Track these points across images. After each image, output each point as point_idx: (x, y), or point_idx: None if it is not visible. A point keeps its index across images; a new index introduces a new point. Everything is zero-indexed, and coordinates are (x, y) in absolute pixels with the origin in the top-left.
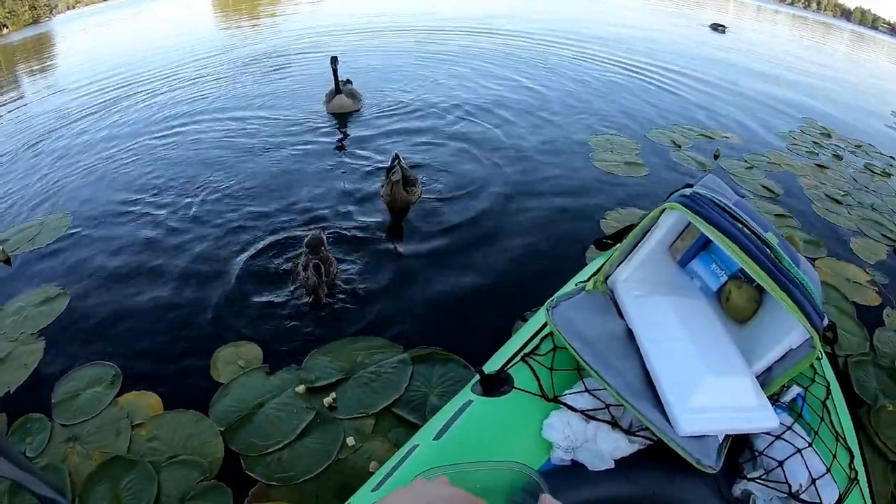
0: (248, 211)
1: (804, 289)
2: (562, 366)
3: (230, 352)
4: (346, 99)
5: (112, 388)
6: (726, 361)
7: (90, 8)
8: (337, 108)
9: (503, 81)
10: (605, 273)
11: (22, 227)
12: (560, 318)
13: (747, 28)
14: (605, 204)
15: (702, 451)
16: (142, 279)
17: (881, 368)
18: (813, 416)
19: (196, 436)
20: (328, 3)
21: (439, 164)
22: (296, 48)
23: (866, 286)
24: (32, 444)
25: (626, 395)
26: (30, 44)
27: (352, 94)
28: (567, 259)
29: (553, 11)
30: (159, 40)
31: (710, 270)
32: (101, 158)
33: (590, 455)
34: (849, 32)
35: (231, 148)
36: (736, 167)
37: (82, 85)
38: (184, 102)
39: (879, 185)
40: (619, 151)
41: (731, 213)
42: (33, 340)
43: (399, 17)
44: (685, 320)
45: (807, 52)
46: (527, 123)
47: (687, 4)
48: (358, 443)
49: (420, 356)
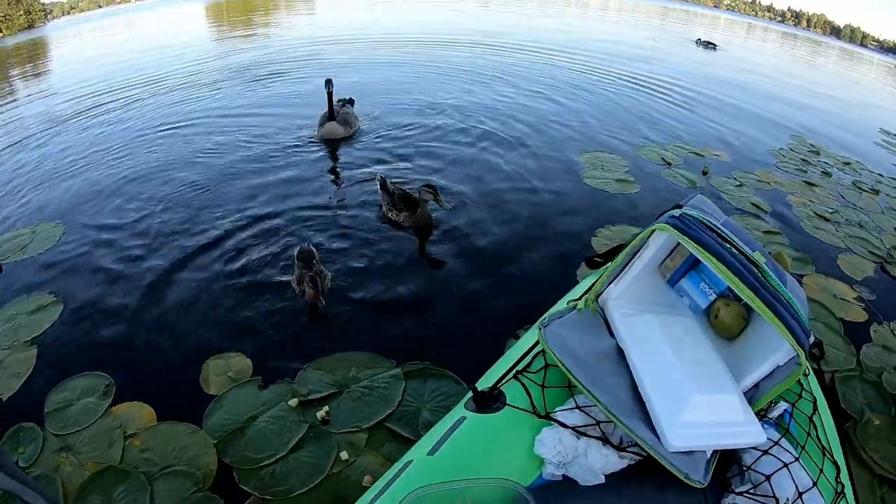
0: (241, 223)
1: (791, 307)
2: (553, 383)
3: (221, 364)
4: (338, 126)
5: (105, 399)
6: (714, 378)
7: (85, 14)
8: (328, 134)
9: (493, 95)
10: (595, 292)
11: (13, 235)
12: (552, 337)
13: (738, 45)
14: (596, 222)
15: (690, 467)
16: (134, 289)
17: (867, 383)
18: (800, 431)
19: (189, 447)
20: (321, 13)
21: (428, 182)
22: (289, 58)
23: (853, 302)
24: (24, 454)
25: (617, 411)
26: (24, 48)
27: (346, 120)
28: (558, 277)
29: (535, 28)
30: (152, 48)
31: (698, 289)
32: (94, 167)
33: (581, 470)
34: (838, 50)
35: (225, 159)
36: (725, 184)
37: (75, 91)
38: (177, 111)
39: (867, 203)
40: (609, 169)
41: (719, 234)
42: (26, 348)
43: (389, 29)
44: (674, 338)
45: (796, 69)
46: (516, 140)
47: (678, 21)
48: (351, 457)
49: (412, 371)
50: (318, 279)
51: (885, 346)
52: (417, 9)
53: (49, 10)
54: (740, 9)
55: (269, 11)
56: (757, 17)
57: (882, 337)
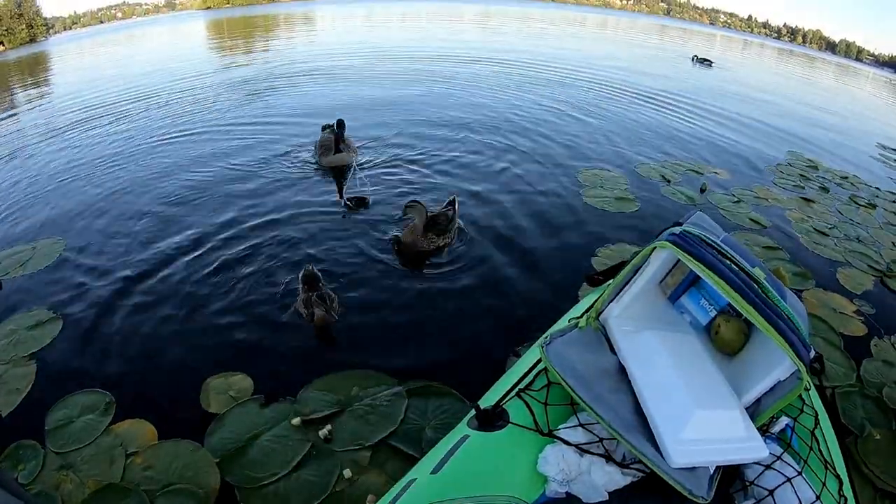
0: (245, 243)
1: (791, 322)
2: (556, 401)
3: (222, 382)
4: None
5: (106, 416)
6: (716, 394)
7: (87, 29)
8: (336, 162)
9: (490, 111)
10: (597, 309)
11: (14, 251)
12: (554, 355)
13: (735, 62)
14: (597, 240)
15: (694, 482)
16: (135, 306)
17: (868, 398)
18: (802, 445)
19: (191, 466)
20: (320, 30)
21: (428, 199)
22: (288, 73)
23: (853, 317)
24: (25, 471)
25: (619, 428)
26: (25, 62)
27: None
28: (559, 295)
29: (529, 45)
30: (153, 62)
31: (699, 306)
32: (96, 182)
33: (584, 487)
34: (834, 65)
35: (224, 175)
36: (723, 201)
37: (76, 105)
38: (177, 126)
39: (865, 217)
40: (609, 186)
41: (718, 250)
42: (25, 363)
43: (383, 43)
44: (676, 355)
45: (793, 84)
46: (517, 157)
47: (675, 39)
48: (355, 475)
49: (415, 389)
50: (327, 298)
51: (885, 360)
52: (414, 28)
53: (51, 24)
54: (736, 25)
55: (269, 29)
56: (753, 33)
57: (882, 351)
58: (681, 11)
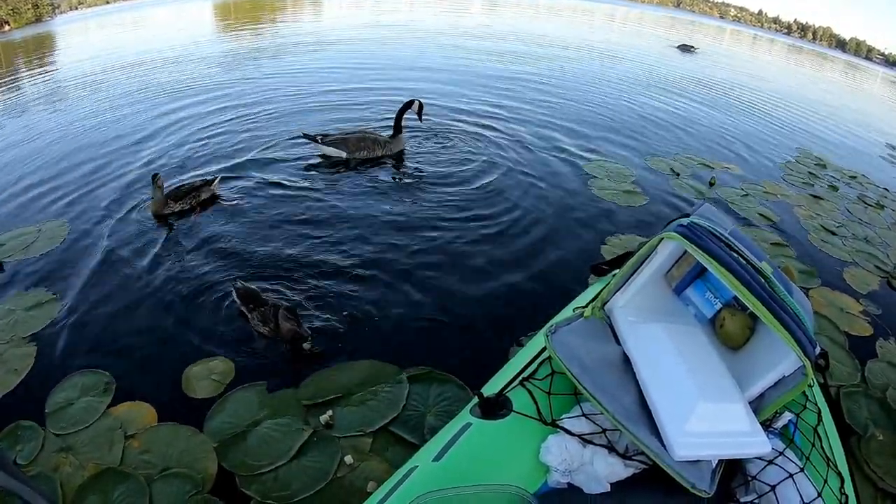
0: (248, 232)
1: (797, 317)
2: (559, 390)
3: (207, 366)
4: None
5: (106, 396)
6: (720, 387)
7: (93, 10)
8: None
9: (498, 101)
10: (602, 299)
11: (20, 233)
12: (559, 344)
13: (744, 58)
14: (605, 231)
15: (696, 476)
16: (137, 291)
17: (872, 399)
18: (804, 441)
19: (190, 450)
20: (328, 14)
21: (434, 187)
22: (294, 59)
23: (859, 316)
24: (23, 452)
25: (623, 419)
26: (31, 42)
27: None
28: (564, 284)
29: (543, 34)
30: (161, 45)
31: (704, 298)
32: (101, 165)
33: (586, 478)
34: (843, 63)
35: (237, 161)
36: (732, 195)
37: (83, 86)
38: (181, 110)
39: (873, 217)
40: (617, 179)
41: (726, 243)
42: (24, 344)
43: (390, 28)
44: (680, 347)
45: (802, 82)
46: (525, 149)
47: (682, 34)
48: (356, 461)
49: (416, 376)
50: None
51: (890, 362)
52: (422, 14)
53: (57, 4)
54: (746, 20)
55: (275, 10)
56: (763, 27)
57: (888, 353)
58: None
